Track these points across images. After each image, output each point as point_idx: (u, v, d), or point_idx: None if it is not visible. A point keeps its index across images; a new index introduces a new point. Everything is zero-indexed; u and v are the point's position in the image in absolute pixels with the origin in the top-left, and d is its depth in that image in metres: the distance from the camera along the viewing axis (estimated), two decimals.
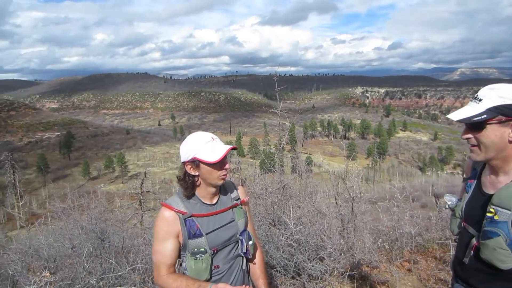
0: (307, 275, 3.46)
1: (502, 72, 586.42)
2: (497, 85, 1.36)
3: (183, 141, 1.70)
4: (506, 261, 1.30)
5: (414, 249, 4.66)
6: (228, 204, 1.79)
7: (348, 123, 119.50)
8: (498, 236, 1.30)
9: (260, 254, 1.95)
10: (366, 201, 5.58)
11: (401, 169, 79.38)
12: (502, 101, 1.29)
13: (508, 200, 1.28)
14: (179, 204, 1.66)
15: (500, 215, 1.30)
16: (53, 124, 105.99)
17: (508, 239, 1.28)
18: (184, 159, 1.65)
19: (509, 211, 1.28)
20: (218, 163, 1.62)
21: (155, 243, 1.66)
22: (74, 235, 3.87)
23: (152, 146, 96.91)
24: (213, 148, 1.63)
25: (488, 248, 1.34)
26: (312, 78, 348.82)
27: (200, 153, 1.61)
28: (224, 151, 1.62)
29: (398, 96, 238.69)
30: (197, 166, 1.64)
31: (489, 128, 1.32)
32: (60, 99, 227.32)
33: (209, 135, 1.68)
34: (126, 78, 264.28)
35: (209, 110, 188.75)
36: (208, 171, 1.64)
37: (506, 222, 1.28)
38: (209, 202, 1.72)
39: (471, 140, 1.38)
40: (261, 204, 4.00)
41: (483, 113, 1.31)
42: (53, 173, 69.80)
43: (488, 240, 1.34)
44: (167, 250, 1.63)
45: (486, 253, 1.35)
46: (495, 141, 1.32)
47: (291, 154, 25.05)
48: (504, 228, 1.29)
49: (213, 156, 1.60)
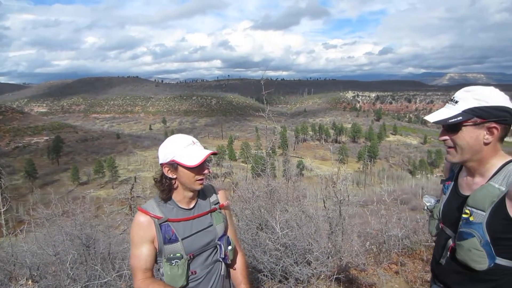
0: (294, 279, 3.45)
1: (489, 77, 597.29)
2: (472, 88, 1.37)
3: (163, 142, 1.67)
4: (481, 262, 1.31)
5: (401, 251, 4.68)
6: (206, 208, 1.76)
7: (339, 127, 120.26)
8: (473, 237, 1.31)
9: (242, 259, 1.92)
10: (355, 204, 5.60)
11: (392, 172, 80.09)
12: (477, 103, 1.30)
13: (483, 201, 1.29)
14: (155, 208, 1.64)
15: (475, 216, 1.31)
16: (42, 128, 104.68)
17: (483, 240, 1.29)
18: (163, 161, 1.63)
19: (484, 212, 1.29)
20: (196, 167, 1.60)
21: (132, 247, 1.65)
22: (58, 241, 3.81)
23: (143, 151, 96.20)
24: (193, 152, 1.61)
25: (463, 249, 1.35)
26: (304, 83, 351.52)
27: (179, 156, 1.59)
28: (203, 156, 1.60)
29: (388, 101, 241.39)
30: (175, 169, 1.62)
31: (464, 130, 1.33)
32: (49, 103, 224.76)
33: (190, 138, 1.66)
34: (117, 82, 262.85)
35: (201, 114, 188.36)
36: (186, 175, 1.62)
37: (481, 223, 1.29)
38: (186, 207, 1.70)
39: (447, 142, 1.39)
40: (248, 208, 3.99)
41: (459, 115, 1.32)
42: (41, 178, 68.85)
43: (463, 241, 1.35)
44: (143, 254, 1.61)
45: (461, 254, 1.37)
46: (470, 143, 1.33)
47: (282, 158, 25.05)
48: (479, 229, 1.30)
49: (192, 160, 1.58)
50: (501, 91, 1.34)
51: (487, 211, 1.29)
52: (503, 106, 1.29)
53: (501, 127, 1.30)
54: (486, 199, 1.29)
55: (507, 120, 1.30)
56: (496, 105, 1.29)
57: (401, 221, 5.01)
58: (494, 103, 1.29)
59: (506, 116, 1.29)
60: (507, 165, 1.32)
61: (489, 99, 1.30)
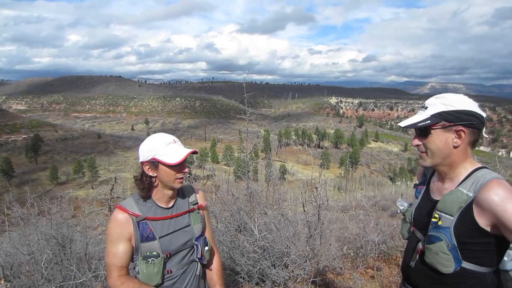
0: (271, 282, 3.48)
1: (469, 88, 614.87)
2: (442, 94, 1.45)
3: (144, 141, 1.68)
4: (447, 266, 1.35)
5: (378, 256, 4.77)
6: (184, 208, 1.77)
7: (322, 132, 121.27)
8: (441, 241, 1.36)
9: (218, 260, 1.94)
10: (335, 208, 5.68)
11: (373, 178, 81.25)
12: (445, 108, 1.37)
13: (451, 206, 1.34)
14: (133, 206, 1.64)
15: (443, 220, 1.36)
16: (20, 126, 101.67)
17: (450, 244, 1.34)
18: (143, 159, 1.64)
19: (452, 217, 1.34)
20: (177, 166, 1.62)
21: (107, 244, 1.65)
22: (33, 241, 3.73)
23: (124, 151, 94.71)
24: (173, 150, 1.62)
25: (431, 252, 1.39)
26: (288, 87, 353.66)
27: (160, 154, 1.60)
28: (184, 154, 1.62)
29: (371, 108, 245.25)
30: (155, 167, 1.63)
31: (434, 134, 1.39)
32: (28, 100, 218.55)
33: (171, 137, 1.68)
34: (99, 81, 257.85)
35: (184, 115, 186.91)
36: (166, 173, 1.63)
37: (449, 228, 1.34)
38: (165, 206, 1.71)
39: (420, 147, 1.45)
40: (227, 210, 4.01)
41: (427, 119, 1.38)
42: (19, 177, 66.84)
43: (431, 244, 1.39)
44: (119, 252, 1.61)
45: (429, 257, 1.41)
46: (440, 147, 1.39)
47: (265, 161, 25.10)
48: (447, 234, 1.35)
49: (173, 158, 1.60)
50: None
51: (455, 216, 1.33)
52: (470, 111, 1.36)
53: (469, 130, 1.36)
54: (454, 204, 1.34)
55: (474, 124, 1.35)
56: (463, 109, 1.36)
57: (378, 226, 5.11)
58: (461, 108, 1.36)
59: (473, 120, 1.35)
60: (476, 171, 1.38)
61: (457, 104, 1.37)
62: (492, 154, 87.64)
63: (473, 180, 1.35)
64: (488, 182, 1.29)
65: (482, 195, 1.28)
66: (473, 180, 1.35)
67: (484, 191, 1.28)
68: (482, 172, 1.36)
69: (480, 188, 1.30)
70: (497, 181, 1.29)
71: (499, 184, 1.27)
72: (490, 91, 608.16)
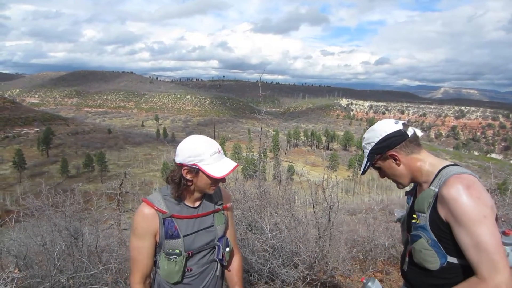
0: (281, 281, 3.48)
1: (482, 94, 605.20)
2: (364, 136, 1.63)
3: (186, 141, 1.62)
4: (432, 262, 1.41)
5: (387, 260, 4.74)
6: (210, 208, 1.75)
7: (331, 134, 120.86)
8: (421, 238, 1.43)
9: (239, 261, 1.93)
10: (344, 211, 5.65)
11: (381, 182, 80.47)
12: (369, 146, 1.57)
13: (423, 204, 1.45)
14: (161, 202, 1.62)
15: (421, 219, 1.46)
16: (33, 119, 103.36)
17: (430, 240, 1.41)
18: (184, 161, 1.58)
19: (425, 214, 1.43)
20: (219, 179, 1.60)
21: (133, 239, 1.63)
22: (46, 232, 3.78)
23: (134, 147, 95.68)
24: (218, 162, 1.60)
25: (416, 250, 1.46)
26: (298, 88, 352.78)
27: (204, 163, 1.56)
28: (230, 169, 1.60)
29: (381, 111, 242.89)
30: (196, 173, 1.59)
31: (382, 166, 1.58)
32: (42, 94, 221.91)
33: (216, 145, 1.62)
34: (111, 76, 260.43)
35: (194, 113, 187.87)
36: (205, 182, 1.61)
37: (425, 224, 1.43)
38: (191, 205, 1.69)
39: (388, 178, 1.61)
40: (238, 208, 4.01)
41: (367, 161, 1.60)
42: (30, 169, 68.06)
43: (414, 243, 1.46)
44: (144, 247, 1.61)
45: (416, 256, 1.47)
46: (394, 172, 1.55)
47: (273, 161, 25.08)
48: (425, 230, 1.43)
49: (218, 171, 1.57)
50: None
51: (427, 212, 1.43)
52: (384, 137, 1.51)
53: (397, 149, 1.51)
54: (425, 202, 1.44)
55: (395, 143, 1.50)
56: (379, 139, 1.52)
57: (388, 230, 5.07)
58: (378, 138, 1.53)
59: (392, 142, 1.50)
60: (443, 169, 1.45)
61: (372, 139, 1.55)
62: (505, 162, 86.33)
63: (439, 178, 1.44)
64: (449, 177, 1.38)
65: (441, 190, 1.37)
66: (439, 177, 1.44)
67: (444, 185, 1.37)
68: (447, 170, 1.44)
69: (442, 183, 1.39)
70: (457, 176, 1.36)
71: (458, 179, 1.35)
72: (504, 97, 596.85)
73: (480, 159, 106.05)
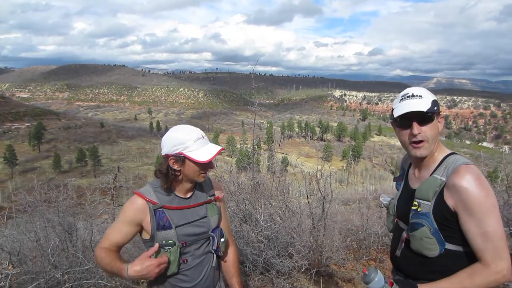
0: (276, 271, 3.52)
1: (474, 83, 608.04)
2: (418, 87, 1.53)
3: (169, 132, 1.65)
4: (432, 249, 1.43)
5: (380, 248, 4.80)
6: (202, 199, 1.76)
7: (325, 125, 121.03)
8: (423, 226, 1.43)
9: (234, 252, 1.94)
10: (338, 201, 5.70)
11: (374, 172, 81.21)
12: (433, 97, 1.46)
13: (427, 192, 1.43)
14: (152, 194, 1.64)
15: (422, 207, 1.45)
16: (23, 114, 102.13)
17: (432, 228, 1.42)
18: (169, 152, 1.60)
19: (429, 203, 1.43)
20: (205, 163, 1.60)
21: (116, 220, 1.67)
22: (39, 228, 3.76)
23: (127, 141, 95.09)
24: (202, 147, 1.61)
25: (416, 238, 1.46)
26: (292, 79, 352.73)
27: (188, 150, 1.58)
28: (214, 152, 1.61)
29: (375, 101, 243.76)
30: (182, 161, 1.61)
31: (434, 121, 1.46)
32: (32, 88, 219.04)
33: (199, 131, 1.65)
34: (103, 70, 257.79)
35: (187, 106, 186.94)
36: (192, 169, 1.62)
37: (428, 213, 1.43)
38: (183, 196, 1.70)
39: (421, 135, 1.45)
40: (233, 200, 4.02)
41: (433, 106, 1.43)
42: (22, 165, 67.35)
43: (415, 231, 1.46)
44: (123, 231, 1.63)
45: (415, 244, 1.48)
46: (436, 133, 1.46)
47: (267, 153, 25.08)
48: (427, 219, 1.43)
49: (202, 156, 1.58)
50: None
51: (432, 201, 1.42)
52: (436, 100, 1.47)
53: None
54: (430, 190, 1.43)
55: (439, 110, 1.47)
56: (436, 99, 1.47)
57: (381, 219, 5.12)
58: (435, 98, 1.47)
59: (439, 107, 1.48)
60: (447, 157, 1.47)
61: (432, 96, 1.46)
62: (496, 150, 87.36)
63: (445, 166, 1.44)
64: (458, 167, 1.39)
65: (451, 179, 1.38)
66: (445, 165, 1.44)
67: (453, 175, 1.38)
68: (452, 158, 1.46)
69: (451, 172, 1.39)
70: (466, 166, 1.38)
71: (467, 169, 1.37)
72: (496, 87, 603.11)
73: (472, 147, 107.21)
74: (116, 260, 1.56)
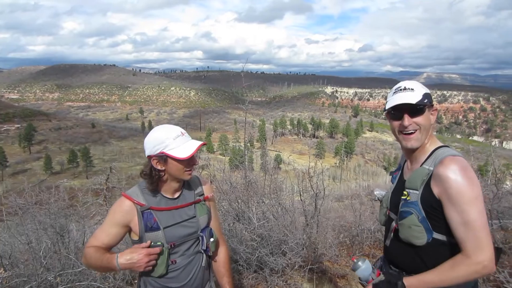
0: (269, 269, 3.53)
1: (464, 78, 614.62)
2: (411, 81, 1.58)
3: (149, 133, 1.65)
4: (420, 237, 1.46)
5: (373, 244, 4.84)
6: (190, 199, 1.75)
7: (317, 122, 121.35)
8: (411, 214, 1.48)
9: (225, 252, 1.94)
10: (331, 198, 5.71)
11: (367, 168, 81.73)
12: (425, 91, 1.51)
13: (415, 182, 1.48)
14: (139, 195, 1.63)
15: (411, 196, 1.49)
16: (13, 115, 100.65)
17: (420, 216, 1.46)
18: (151, 153, 1.60)
19: (417, 191, 1.47)
20: (187, 160, 1.60)
21: (104, 222, 1.66)
22: (31, 230, 3.73)
23: (119, 141, 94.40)
24: (182, 144, 1.60)
25: (405, 226, 1.50)
26: (283, 76, 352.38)
27: (169, 148, 1.58)
28: (194, 148, 1.60)
29: (366, 97, 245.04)
30: (164, 161, 1.60)
31: (426, 112, 1.51)
32: (21, 89, 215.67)
33: (178, 129, 1.65)
34: (93, 69, 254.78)
35: (179, 105, 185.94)
36: (176, 167, 1.61)
37: (416, 201, 1.47)
38: (171, 196, 1.69)
39: (412, 126, 1.51)
40: (225, 199, 4.03)
41: (423, 98, 1.48)
42: (12, 167, 66.51)
43: (403, 219, 1.51)
44: (111, 233, 1.62)
45: (403, 232, 1.51)
46: (428, 125, 1.52)
47: (260, 151, 25.04)
48: (415, 207, 1.47)
49: (183, 153, 1.58)
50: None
51: (420, 189, 1.47)
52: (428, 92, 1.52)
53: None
54: (418, 179, 1.48)
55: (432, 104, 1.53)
56: (428, 92, 1.52)
57: (374, 215, 5.17)
58: (428, 91, 1.52)
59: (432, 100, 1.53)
60: (437, 150, 1.52)
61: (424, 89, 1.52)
62: (486, 144, 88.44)
63: (434, 157, 1.49)
64: (445, 158, 1.43)
65: (437, 169, 1.42)
66: (434, 157, 1.49)
67: (439, 165, 1.42)
68: (441, 150, 1.50)
69: (438, 162, 1.44)
70: (452, 157, 1.42)
71: (452, 160, 1.41)
72: (485, 81, 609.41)
73: (462, 142, 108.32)
74: (106, 253, 1.57)
